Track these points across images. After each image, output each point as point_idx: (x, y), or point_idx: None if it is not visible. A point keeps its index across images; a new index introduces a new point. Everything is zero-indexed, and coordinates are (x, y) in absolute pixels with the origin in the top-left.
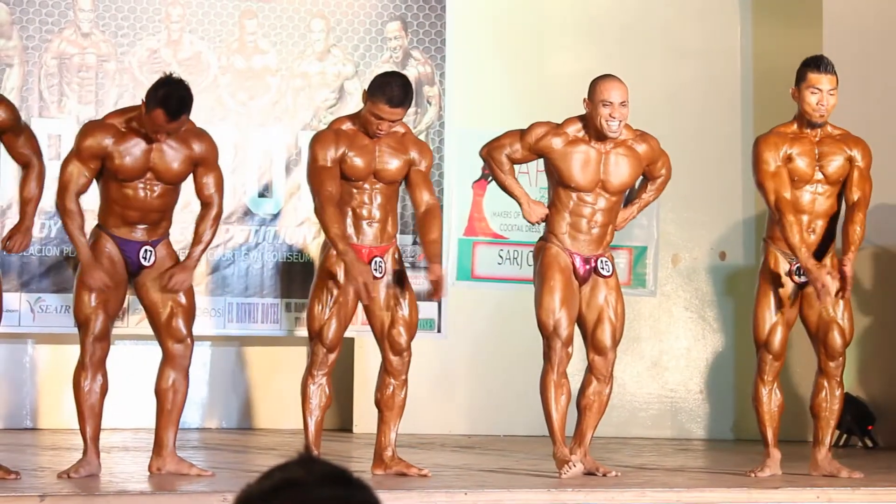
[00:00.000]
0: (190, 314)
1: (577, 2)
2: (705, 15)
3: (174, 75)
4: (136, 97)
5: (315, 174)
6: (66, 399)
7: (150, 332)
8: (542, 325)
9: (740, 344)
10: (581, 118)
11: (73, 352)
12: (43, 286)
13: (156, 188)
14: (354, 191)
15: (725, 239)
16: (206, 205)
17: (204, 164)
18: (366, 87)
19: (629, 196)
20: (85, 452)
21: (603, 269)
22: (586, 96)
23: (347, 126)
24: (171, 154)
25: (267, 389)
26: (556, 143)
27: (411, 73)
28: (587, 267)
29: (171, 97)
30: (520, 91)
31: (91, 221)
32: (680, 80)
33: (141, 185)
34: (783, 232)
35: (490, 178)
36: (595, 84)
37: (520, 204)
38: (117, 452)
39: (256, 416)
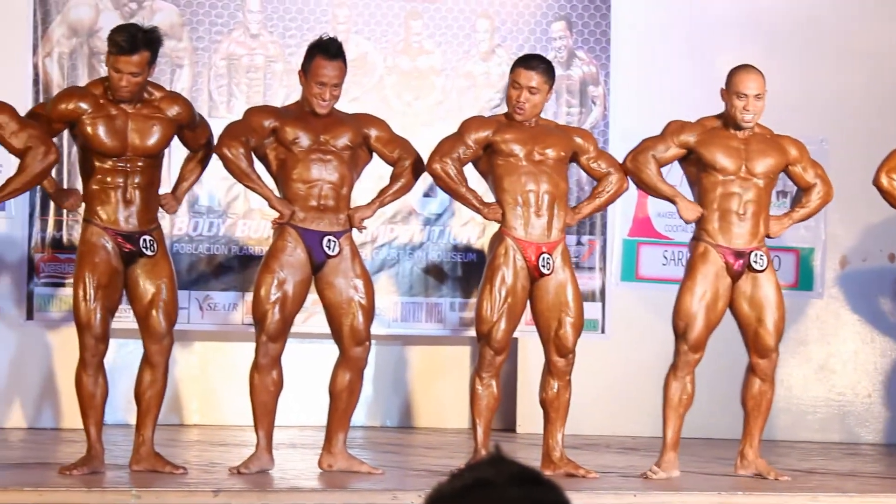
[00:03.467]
0: (370, 315)
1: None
2: (877, 14)
3: None
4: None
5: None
6: (234, 395)
7: (317, 330)
8: (674, 326)
9: None
10: (719, 116)
11: (240, 349)
12: (211, 284)
13: (327, 184)
14: (524, 179)
15: (895, 241)
16: None
17: None
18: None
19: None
20: (257, 449)
21: (756, 263)
22: (723, 85)
23: (499, 117)
24: None
25: (429, 389)
26: (695, 134)
27: (576, 72)
28: (740, 262)
29: None
30: (685, 91)
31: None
32: (850, 81)
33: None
34: None
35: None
36: (732, 74)
37: (675, 203)
38: (285, 449)
39: (418, 415)
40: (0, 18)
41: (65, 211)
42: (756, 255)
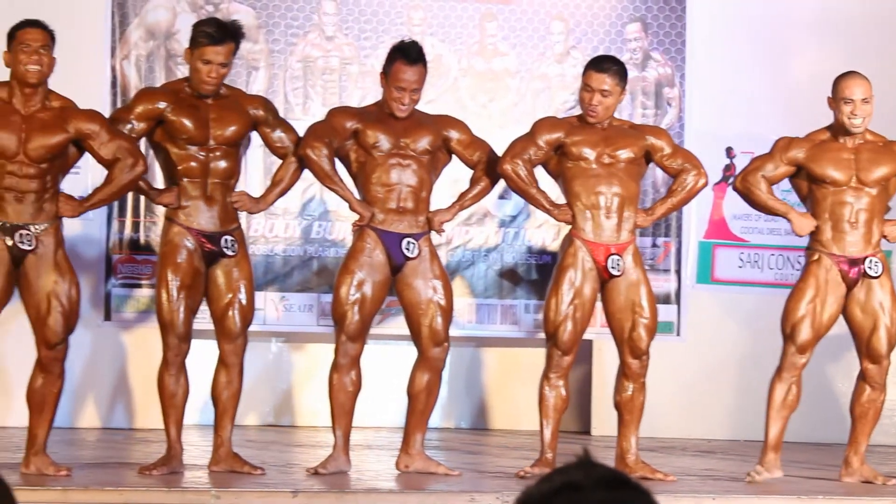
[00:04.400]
0: (449, 316)
1: None
2: None
3: None
4: (378, 99)
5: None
6: (310, 396)
7: (392, 331)
8: (781, 328)
9: None
10: (828, 128)
11: (317, 350)
12: (287, 285)
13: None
14: (594, 181)
15: None
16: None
17: None
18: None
19: None
20: (334, 449)
21: (871, 269)
22: (830, 94)
23: (572, 118)
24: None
25: (504, 391)
26: (804, 150)
27: (651, 74)
28: (855, 269)
29: None
30: (762, 92)
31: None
32: None
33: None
34: None
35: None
36: (836, 81)
37: (788, 219)
38: (360, 450)
39: (492, 417)
40: (78, 21)
41: (142, 212)
42: (871, 261)
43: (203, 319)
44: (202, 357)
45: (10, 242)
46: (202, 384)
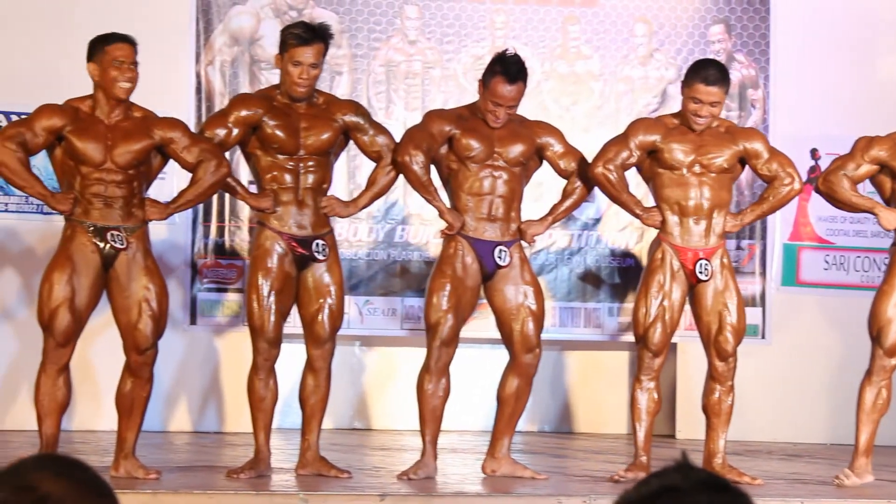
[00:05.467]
0: (541, 322)
1: None
2: None
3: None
4: (459, 103)
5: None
6: (392, 400)
7: (475, 335)
8: (868, 330)
9: None
10: None
11: (399, 353)
12: (371, 289)
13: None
14: (684, 188)
15: None
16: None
17: None
18: None
19: None
20: (423, 454)
21: None
22: None
23: (667, 120)
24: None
25: (587, 394)
26: (885, 148)
27: (735, 76)
28: None
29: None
30: (847, 93)
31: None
32: None
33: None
34: None
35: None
36: None
37: (874, 213)
38: (446, 454)
39: (576, 420)
40: (163, 28)
41: (226, 217)
42: None
43: (288, 323)
44: (286, 361)
45: (101, 244)
46: (285, 388)
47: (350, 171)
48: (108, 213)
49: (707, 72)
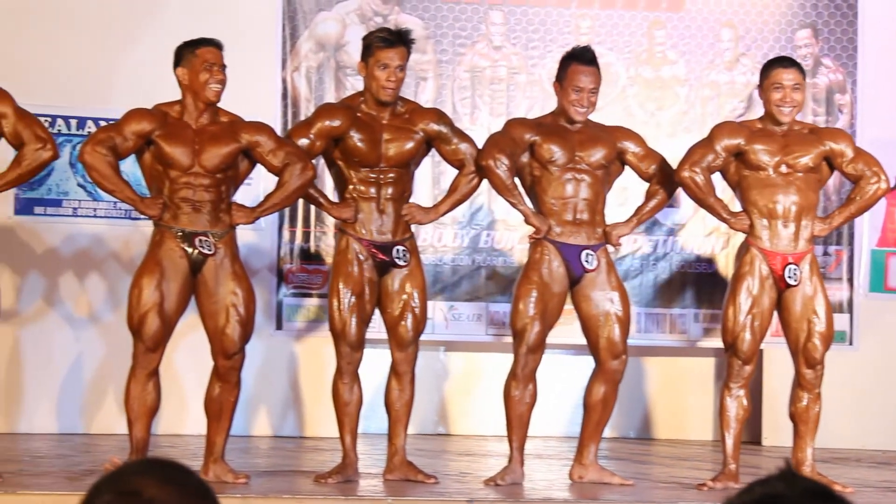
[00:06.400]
0: (627, 328)
1: None
2: None
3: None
4: (545, 109)
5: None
6: (477, 405)
7: (561, 340)
8: None
9: None
10: None
11: (484, 359)
12: (456, 294)
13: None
14: (772, 190)
15: None
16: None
17: None
18: None
19: None
20: (511, 461)
21: None
22: None
23: (752, 123)
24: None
25: (671, 400)
26: None
27: (822, 80)
28: None
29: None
30: None
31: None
32: None
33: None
34: None
35: None
36: None
37: None
38: (531, 460)
39: (659, 426)
40: (250, 35)
41: (312, 222)
42: None
43: (372, 328)
44: (370, 365)
45: (189, 249)
46: (369, 393)
47: (434, 177)
48: (197, 218)
49: (781, 59)
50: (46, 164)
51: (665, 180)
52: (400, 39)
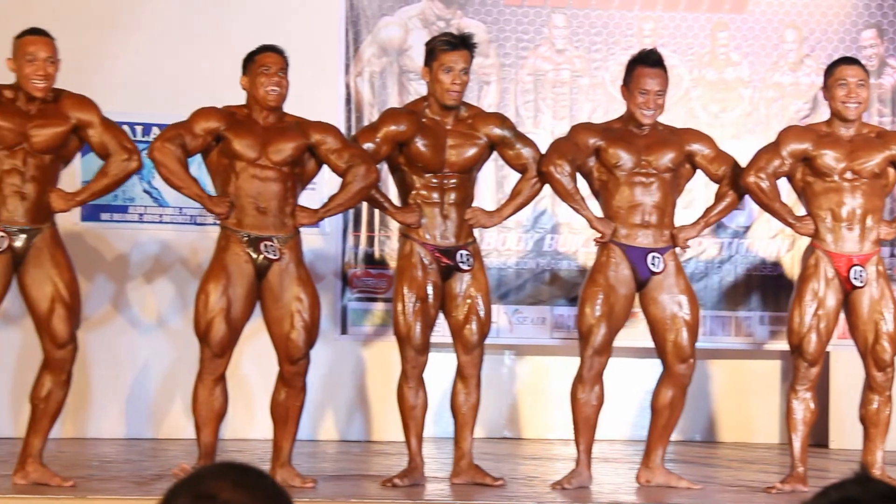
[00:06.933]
0: (695, 332)
1: None
2: None
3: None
4: (608, 112)
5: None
6: (541, 409)
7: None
8: None
9: None
10: None
11: (548, 362)
12: (520, 298)
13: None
14: (837, 194)
15: None
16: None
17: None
18: None
19: None
20: (578, 464)
21: None
22: None
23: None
24: None
25: (736, 403)
26: None
27: (887, 81)
28: None
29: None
30: None
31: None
32: None
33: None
34: None
35: None
36: None
37: None
38: (597, 463)
39: (724, 429)
40: (314, 40)
41: (376, 227)
42: None
43: (437, 332)
44: (435, 370)
45: (255, 255)
46: (435, 397)
47: (497, 181)
48: (262, 222)
49: (845, 58)
50: (132, 175)
51: (735, 182)
52: (463, 43)
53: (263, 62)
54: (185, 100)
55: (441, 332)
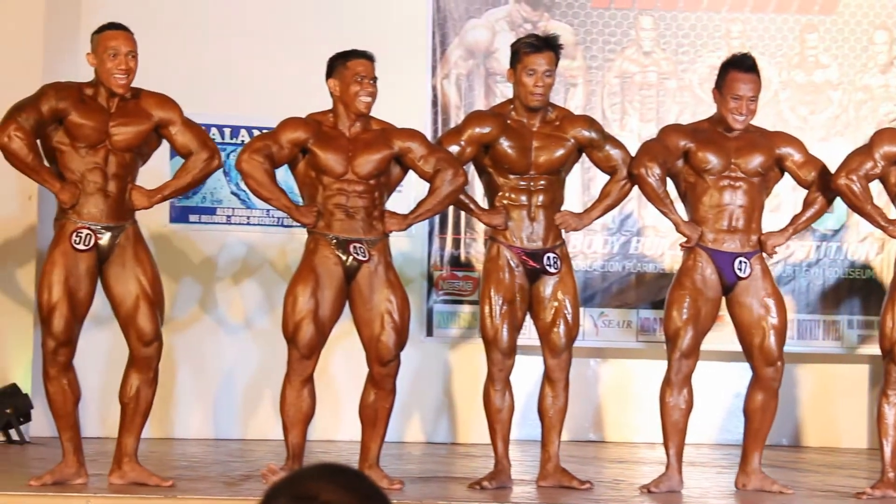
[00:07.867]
0: (783, 336)
1: None
2: None
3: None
4: (696, 114)
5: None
6: (627, 412)
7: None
8: None
9: None
10: None
11: (634, 366)
12: (606, 301)
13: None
14: None
15: None
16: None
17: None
18: None
19: None
20: (668, 468)
21: None
22: None
23: None
24: None
25: (824, 407)
26: None
27: None
28: None
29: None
30: None
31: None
32: None
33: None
34: None
35: None
36: None
37: None
38: (685, 467)
39: (811, 433)
40: (400, 42)
41: (462, 229)
42: None
43: (524, 335)
44: (522, 372)
45: (344, 257)
46: (521, 400)
47: (584, 183)
48: (350, 225)
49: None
50: (213, 173)
51: (824, 188)
52: (547, 44)
53: (357, 70)
54: (271, 102)
55: (527, 334)
